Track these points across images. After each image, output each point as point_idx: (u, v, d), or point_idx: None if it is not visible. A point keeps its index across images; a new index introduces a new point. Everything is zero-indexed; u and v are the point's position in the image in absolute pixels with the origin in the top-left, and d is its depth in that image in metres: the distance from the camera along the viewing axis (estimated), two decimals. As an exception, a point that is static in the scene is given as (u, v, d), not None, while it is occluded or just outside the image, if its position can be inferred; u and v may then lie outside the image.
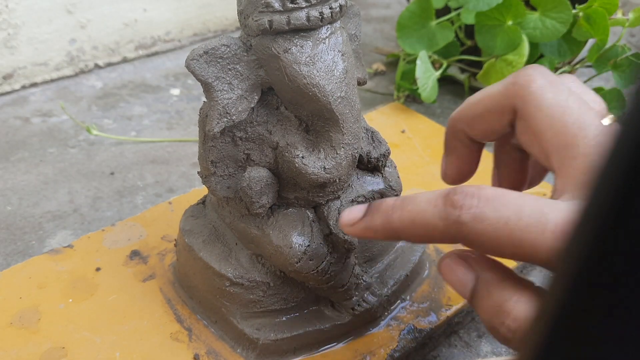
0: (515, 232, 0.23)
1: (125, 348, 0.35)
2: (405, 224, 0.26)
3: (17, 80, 0.65)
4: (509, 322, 0.24)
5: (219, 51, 0.29)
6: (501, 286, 0.25)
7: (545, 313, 0.11)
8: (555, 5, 0.54)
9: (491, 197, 0.24)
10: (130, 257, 0.41)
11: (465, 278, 0.26)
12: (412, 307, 0.38)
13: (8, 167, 0.53)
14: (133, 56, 0.72)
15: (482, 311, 0.25)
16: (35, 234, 0.46)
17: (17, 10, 0.61)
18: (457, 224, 0.24)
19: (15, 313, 0.37)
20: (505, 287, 0.24)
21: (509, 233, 0.23)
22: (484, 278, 0.25)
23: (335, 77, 0.29)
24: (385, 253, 0.38)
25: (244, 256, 0.34)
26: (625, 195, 0.10)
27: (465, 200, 0.24)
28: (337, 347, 0.35)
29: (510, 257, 0.24)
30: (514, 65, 0.56)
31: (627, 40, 0.78)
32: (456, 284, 0.26)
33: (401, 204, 0.26)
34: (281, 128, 0.31)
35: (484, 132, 0.30)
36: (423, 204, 0.25)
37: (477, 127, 0.30)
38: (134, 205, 0.49)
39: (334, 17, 0.29)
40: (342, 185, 0.33)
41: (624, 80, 0.55)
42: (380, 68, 0.71)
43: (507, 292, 0.24)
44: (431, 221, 0.25)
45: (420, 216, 0.25)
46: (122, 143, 0.57)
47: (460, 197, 0.24)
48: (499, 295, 0.24)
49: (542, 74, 0.27)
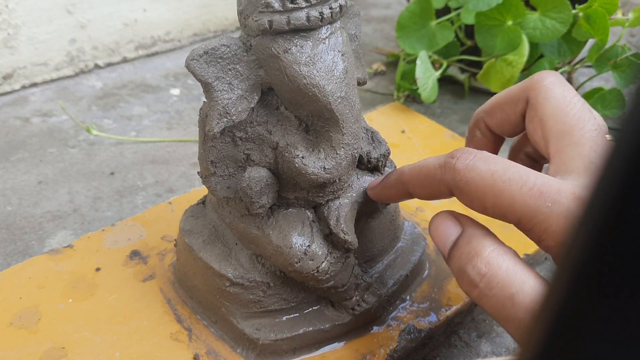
0: (498, 182, 0.25)
1: (125, 348, 0.35)
2: (413, 174, 0.30)
3: (17, 80, 0.65)
4: (480, 263, 0.25)
5: (219, 51, 0.29)
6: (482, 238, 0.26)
7: (546, 311, 0.11)
8: (555, 5, 0.54)
9: (486, 155, 0.26)
10: (130, 257, 0.41)
11: (450, 230, 0.28)
12: (412, 307, 0.38)
13: (8, 167, 0.53)
14: (133, 56, 0.72)
15: (456, 258, 0.27)
16: (35, 234, 0.46)
17: (17, 10, 0.61)
18: (452, 170, 0.27)
19: (15, 313, 0.37)
20: (486, 239, 0.26)
21: (492, 183, 0.25)
22: (468, 231, 0.27)
23: (335, 77, 0.29)
24: (385, 253, 0.38)
25: (244, 256, 0.34)
26: (625, 197, 0.10)
27: (464, 153, 0.27)
28: (337, 347, 0.35)
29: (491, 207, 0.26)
30: (514, 65, 0.56)
31: (627, 40, 0.78)
32: (441, 235, 0.28)
33: (414, 164, 0.30)
34: (281, 128, 0.31)
35: (500, 121, 0.33)
36: (430, 159, 0.29)
37: (495, 115, 0.33)
38: (134, 205, 0.49)
39: (334, 17, 0.29)
40: (342, 185, 0.33)
41: (624, 80, 0.56)
42: (380, 68, 0.71)
43: (487, 242, 0.26)
44: (432, 169, 0.28)
45: (425, 168, 0.29)
46: (122, 143, 0.57)
47: (459, 152, 0.27)
48: (477, 243, 0.26)
49: (556, 75, 0.31)
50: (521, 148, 0.35)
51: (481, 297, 0.25)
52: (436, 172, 0.28)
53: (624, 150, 0.10)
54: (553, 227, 0.24)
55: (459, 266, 0.26)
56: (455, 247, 0.27)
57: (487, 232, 0.27)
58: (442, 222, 0.29)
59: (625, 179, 0.10)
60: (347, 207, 0.33)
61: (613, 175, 0.10)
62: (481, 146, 0.35)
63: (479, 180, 0.26)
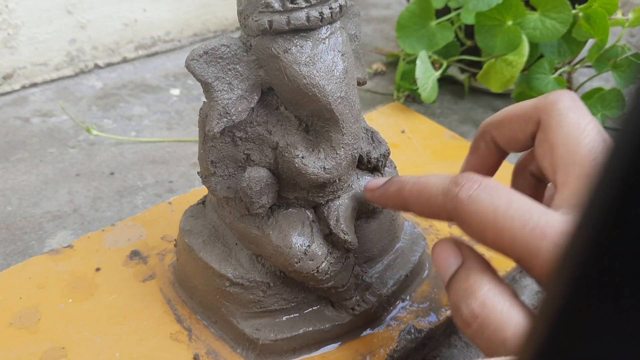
0: (500, 219, 0.24)
1: (125, 348, 0.35)
2: (414, 194, 0.29)
3: (17, 80, 0.65)
4: (474, 304, 0.25)
5: (218, 51, 0.29)
6: (480, 275, 0.26)
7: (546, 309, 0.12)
8: (555, 5, 0.54)
9: (491, 186, 0.25)
10: (130, 257, 0.41)
11: (452, 260, 0.28)
12: (412, 307, 0.38)
13: (8, 167, 0.53)
14: (133, 56, 0.72)
15: (453, 292, 0.27)
16: (35, 234, 0.46)
17: (17, 10, 0.61)
18: (454, 199, 0.26)
19: (15, 313, 0.37)
20: (484, 276, 0.26)
21: (494, 218, 0.24)
22: (467, 264, 0.27)
23: (335, 77, 0.29)
24: (385, 253, 0.38)
25: (244, 256, 0.34)
26: (625, 197, 0.10)
27: (468, 182, 0.26)
28: (337, 347, 0.35)
29: (492, 243, 0.25)
30: (514, 66, 0.56)
31: (627, 40, 0.78)
32: (443, 263, 0.28)
33: (417, 179, 0.29)
34: (281, 128, 0.31)
35: (508, 137, 0.32)
36: (433, 179, 0.28)
37: (503, 130, 0.32)
38: (134, 205, 0.49)
39: (333, 17, 0.29)
40: (342, 185, 0.33)
41: (624, 80, 0.56)
42: (380, 68, 0.71)
43: (484, 280, 0.26)
44: (434, 194, 0.27)
45: (427, 189, 0.28)
46: (122, 143, 0.57)
47: (464, 179, 0.26)
48: (475, 280, 0.26)
49: (571, 98, 0.29)
50: (527, 165, 0.34)
51: (474, 337, 0.25)
52: (438, 197, 0.27)
53: (624, 150, 0.10)
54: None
55: (455, 302, 0.26)
56: (454, 279, 0.27)
57: (486, 266, 0.27)
58: (443, 250, 0.28)
59: (625, 179, 0.10)
60: (347, 207, 0.33)
61: (613, 176, 0.10)
62: (484, 158, 0.34)
63: (480, 214, 0.25)
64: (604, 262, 0.10)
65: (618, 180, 0.10)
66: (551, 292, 0.11)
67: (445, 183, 0.27)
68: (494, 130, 0.33)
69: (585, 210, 0.10)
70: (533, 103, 0.31)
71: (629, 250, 0.10)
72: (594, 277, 0.10)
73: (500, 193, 0.25)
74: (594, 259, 0.10)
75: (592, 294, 0.11)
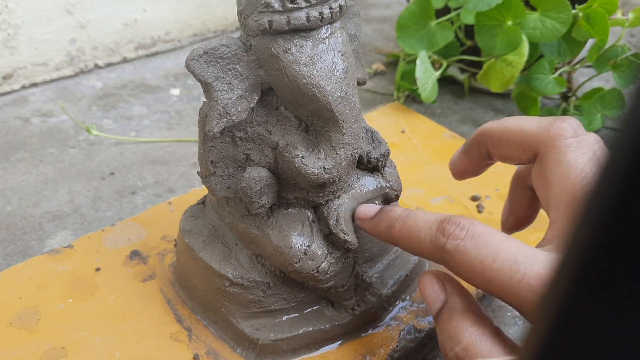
0: (487, 272, 0.25)
1: (125, 348, 0.35)
2: (403, 236, 0.29)
3: (17, 80, 0.65)
4: (459, 349, 0.26)
5: (218, 51, 0.29)
6: (463, 316, 0.27)
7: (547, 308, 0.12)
8: (555, 5, 0.54)
9: (477, 234, 0.26)
10: (130, 257, 0.41)
11: (436, 297, 0.29)
12: (412, 307, 0.38)
13: (8, 167, 0.53)
14: (133, 56, 0.72)
15: (440, 332, 0.28)
16: (35, 234, 0.46)
17: (17, 10, 0.61)
18: (442, 250, 0.27)
19: (15, 313, 0.37)
20: (466, 317, 0.27)
21: (481, 271, 0.25)
22: (450, 303, 0.28)
23: (335, 77, 0.29)
24: (385, 253, 0.38)
25: (243, 256, 0.34)
26: (625, 197, 0.10)
27: (455, 231, 0.26)
28: (337, 347, 0.35)
29: (481, 288, 0.26)
30: (514, 66, 0.56)
31: (627, 40, 0.78)
32: (427, 299, 0.29)
33: (405, 217, 0.29)
34: (281, 128, 0.31)
35: (504, 155, 0.32)
36: (421, 223, 0.28)
37: (500, 149, 0.32)
38: (134, 205, 0.49)
39: (333, 17, 0.29)
40: (342, 185, 0.33)
41: (623, 80, 0.56)
42: (380, 68, 0.71)
43: (467, 322, 0.27)
44: (423, 240, 0.28)
45: (415, 233, 0.28)
46: (122, 143, 0.57)
47: (451, 227, 0.27)
48: (458, 322, 0.27)
49: (574, 131, 0.29)
50: (524, 178, 0.34)
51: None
52: (427, 245, 0.27)
53: (624, 150, 0.10)
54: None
55: (441, 342, 0.28)
56: (439, 318, 0.28)
57: (468, 305, 0.28)
58: (427, 285, 0.29)
59: (625, 179, 0.10)
60: (347, 207, 0.33)
61: (613, 176, 0.10)
62: (475, 161, 0.34)
63: (468, 266, 0.26)
64: (604, 262, 0.10)
65: (618, 181, 0.10)
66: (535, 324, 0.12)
67: (432, 230, 0.27)
68: (491, 145, 0.33)
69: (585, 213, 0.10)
70: (534, 131, 0.30)
71: (629, 250, 0.10)
72: (594, 277, 0.10)
73: (488, 242, 0.26)
74: (594, 259, 0.10)
75: (592, 294, 0.11)
